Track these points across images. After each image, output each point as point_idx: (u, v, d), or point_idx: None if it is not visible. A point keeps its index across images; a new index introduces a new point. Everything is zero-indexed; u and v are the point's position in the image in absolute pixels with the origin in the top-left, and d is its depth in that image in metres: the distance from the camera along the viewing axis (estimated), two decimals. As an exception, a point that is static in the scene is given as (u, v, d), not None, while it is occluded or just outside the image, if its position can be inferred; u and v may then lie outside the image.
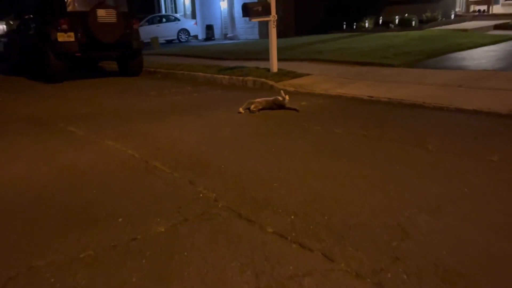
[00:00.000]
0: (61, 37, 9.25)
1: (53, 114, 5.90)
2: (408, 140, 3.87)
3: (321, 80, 7.68)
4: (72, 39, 9.33)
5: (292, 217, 2.40)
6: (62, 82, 9.49)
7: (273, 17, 8.16)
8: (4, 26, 35.08)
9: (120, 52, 10.12)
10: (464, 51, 9.40)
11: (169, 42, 23.32)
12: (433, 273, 1.82)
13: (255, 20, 8.42)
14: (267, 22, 8.29)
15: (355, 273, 1.83)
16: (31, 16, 11.15)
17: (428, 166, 3.16)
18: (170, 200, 2.70)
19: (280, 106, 5.57)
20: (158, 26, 23.36)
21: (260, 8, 8.13)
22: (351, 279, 1.80)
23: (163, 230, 2.30)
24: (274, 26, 8.30)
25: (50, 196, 2.86)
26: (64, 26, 9.25)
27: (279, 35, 18.66)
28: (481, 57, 8.68)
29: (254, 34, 21.47)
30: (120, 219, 2.44)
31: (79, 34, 9.36)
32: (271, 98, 5.65)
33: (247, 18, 8.32)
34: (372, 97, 6.11)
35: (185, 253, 2.03)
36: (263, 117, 5.11)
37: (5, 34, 15.66)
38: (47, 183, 3.09)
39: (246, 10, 8.11)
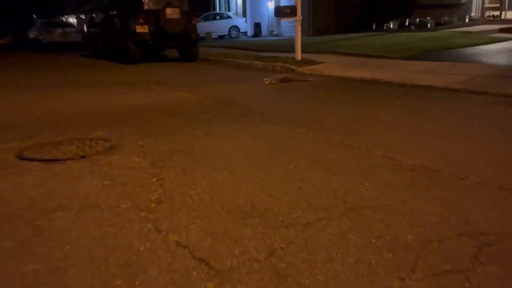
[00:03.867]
0: (139, 28, 12.23)
1: (137, 80, 8.75)
2: (360, 97, 6.31)
3: (331, 66, 10.11)
4: (147, 30, 12.29)
5: (270, 117, 4.97)
6: (137, 64, 12.43)
7: (298, 17, 10.65)
8: (75, 20, 39.23)
9: (181, 42, 12.99)
10: (456, 48, 11.50)
11: (221, 37, 26.24)
12: (337, 142, 4.32)
13: (284, 20, 10.98)
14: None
15: (310, 133, 4.38)
16: (114, 12, 14.25)
17: (361, 104, 5.63)
18: (213, 112, 5.33)
19: (293, 79, 8.17)
20: (212, 22, 26.34)
21: (288, 10, 10.68)
22: (306, 135, 4.33)
23: (208, 117, 4.94)
24: (299, 25, 10.78)
25: (150, 108, 5.59)
26: (141, 21, 12.22)
27: (320, 33, 21.06)
28: (466, 53, 10.79)
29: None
30: (187, 114, 5.11)
31: (151, 27, 12.29)
32: (286, 75, 8.25)
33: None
34: (361, 77, 8.51)
35: (213, 122, 4.64)
36: (278, 86, 7.68)
37: (88, 27, 18.98)
38: (143, 107, 5.80)
39: (277, 11, 10.70)
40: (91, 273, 1.77)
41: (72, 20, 39.82)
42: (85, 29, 20.98)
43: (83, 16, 34.65)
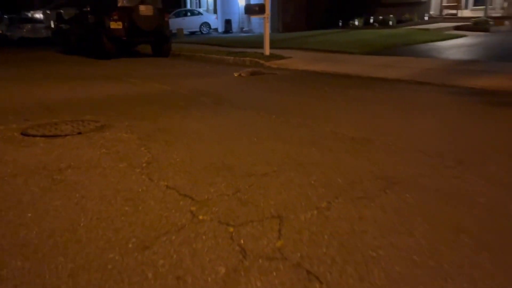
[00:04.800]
0: (113, 25, 12.68)
1: (115, 74, 9.27)
2: (320, 87, 7.06)
3: (297, 61, 10.86)
4: (121, 27, 12.75)
5: (238, 104, 5.65)
6: (111, 59, 12.87)
7: (266, 15, 11.35)
8: (42, 16, 38.72)
9: (154, 38, 13.51)
10: (413, 45, 12.45)
11: (192, 33, 26.70)
12: (295, 122, 5.02)
13: (253, 17, 11.66)
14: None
15: (272, 116, 5.07)
16: (88, 8, 14.59)
17: (319, 93, 6.37)
18: (188, 100, 5.97)
19: (260, 73, 8.87)
20: (184, 19, 26.78)
21: (257, 8, 11.36)
22: (269, 117, 5.02)
23: (183, 104, 5.58)
24: (267, 22, 11.49)
25: (131, 97, 6.18)
26: (115, 17, 12.67)
27: (290, 30, 21.84)
28: (421, 49, 11.74)
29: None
30: (165, 102, 5.74)
31: (125, 23, 12.76)
32: (255, 69, 8.94)
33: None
34: (323, 71, 9.29)
35: (189, 108, 5.29)
36: (247, 78, 8.37)
37: (56, 22, 19.07)
38: (125, 96, 6.39)
39: (247, 9, 11.37)
40: (105, 204, 2.42)
41: (39, 15, 39.44)
42: (52, 25, 21.01)
43: (49, 12, 34.40)
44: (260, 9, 11.28)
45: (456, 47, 11.89)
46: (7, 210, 2.38)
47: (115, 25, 12.72)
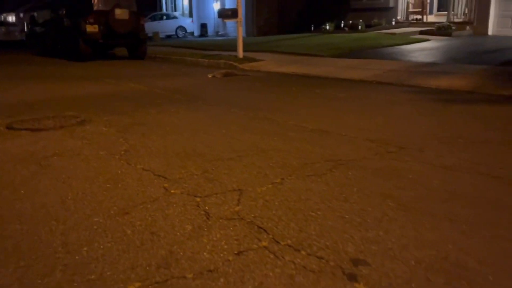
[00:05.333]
0: (89, 28, 12.90)
1: (92, 75, 9.54)
2: (288, 87, 7.51)
3: (269, 63, 11.32)
4: (97, 30, 12.98)
5: (211, 101, 6.03)
6: (88, 62, 13.08)
7: (239, 19, 11.78)
8: (14, 17, 38.08)
9: (130, 41, 13.78)
10: (379, 48, 13.07)
11: (168, 37, 26.95)
12: (262, 117, 5.43)
13: (226, 21, 12.06)
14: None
15: (242, 111, 5.46)
16: (63, 12, 14.74)
17: (288, 92, 6.81)
18: (163, 98, 6.33)
19: (234, 74, 9.28)
20: (159, 22, 27.00)
21: (230, 12, 11.78)
22: (238, 112, 5.42)
23: (159, 101, 5.93)
24: (240, 26, 11.91)
25: (109, 96, 6.49)
26: (91, 20, 12.90)
27: (264, 33, 22.28)
28: (387, 52, 12.36)
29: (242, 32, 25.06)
30: (141, 100, 6.08)
31: (101, 27, 13.00)
32: (228, 70, 9.36)
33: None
34: (293, 72, 9.76)
35: (164, 105, 5.65)
36: (220, 79, 8.77)
37: (29, 25, 19.03)
38: (103, 95, 6.70)
39: (220, 13, 11.78)
40: (89, 183, 2.78)
41: (11, 18, 38.96)
42: (26, 28, 20.93)
43: (22, 15, 34.02)
44: (233, 13, 11.70)
45: (419, 50, 12.56)
46: (1, 189, 2.71)
47: (91, 28, 12.93)
